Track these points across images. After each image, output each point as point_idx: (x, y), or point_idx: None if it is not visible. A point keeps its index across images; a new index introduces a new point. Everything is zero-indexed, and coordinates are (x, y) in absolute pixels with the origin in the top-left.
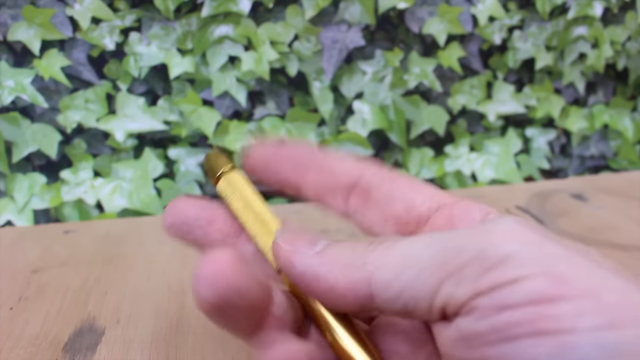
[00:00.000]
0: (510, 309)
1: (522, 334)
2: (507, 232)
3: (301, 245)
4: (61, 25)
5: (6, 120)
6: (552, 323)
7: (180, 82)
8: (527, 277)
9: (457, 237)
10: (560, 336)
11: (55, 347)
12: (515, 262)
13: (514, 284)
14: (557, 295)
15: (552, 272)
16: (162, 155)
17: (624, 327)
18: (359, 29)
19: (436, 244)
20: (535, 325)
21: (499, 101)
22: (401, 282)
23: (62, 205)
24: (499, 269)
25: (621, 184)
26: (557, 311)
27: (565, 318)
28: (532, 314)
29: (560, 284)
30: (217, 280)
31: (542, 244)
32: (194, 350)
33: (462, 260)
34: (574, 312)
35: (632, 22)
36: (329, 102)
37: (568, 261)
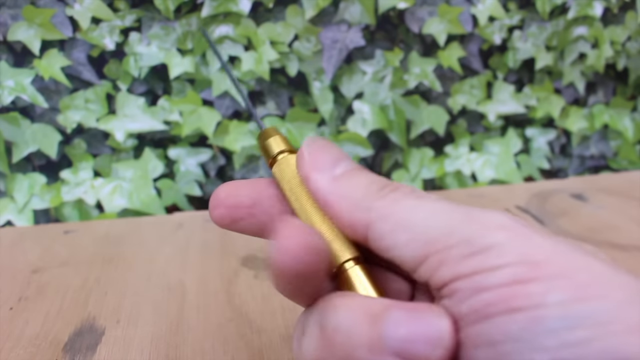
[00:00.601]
0: (487, 290)
1: (496, 312)
2: (498, 224)
3: (322, 163)
4: (61, 25)
5: (6, 120)
6: (523, 300)
7: (180, 82)
8: (506, 264)
9: (453, 218)
10: (531, 311)
11: (55, 347)
12: (497, 251)
13: (493, 270)
14: (531, 278)
15: (530, 260)
16: (162, 155)
17: (590, 300)
18: (359, 29)
19: (434, 218)
20: (508, 303)
21: (499, 101)
22: (393, 240)
23: (62, 205)
24: (481, 257)
25: (621, 184)
26: (528, 290)
27: (535, 295)
28: (506, 294)
29: (535, 269)
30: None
31: (528, 237)
32: (193, 350)
33: (450, 242)
34: (544, 290)
35: (632, 22)
36: (329, 102)
37: (550, 249)
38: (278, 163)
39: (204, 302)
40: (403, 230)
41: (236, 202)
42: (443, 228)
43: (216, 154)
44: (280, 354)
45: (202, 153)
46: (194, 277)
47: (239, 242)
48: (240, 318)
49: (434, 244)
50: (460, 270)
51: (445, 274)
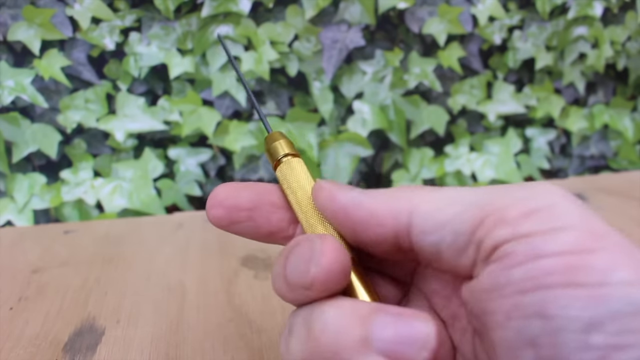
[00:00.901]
0: (546, 257)
1: (555, 283)
2: (551, 189)
3: (343, 186)
4: (61, 25)
5: (6, 120)
6: (586, 275)
7: (180, 82)
8: (565, 227)
9: (501, 188)
10: (594, 289)
11: (55, 347)
12: (556, 212)
13: (553, 232)
14: (592, 248)
15: (589, 227)
16: (162, 155)
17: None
18: (359, 29)
19: (481, 191)
20: (569, 275)
21: (499, 101)
22: (443, 215)
23: (62, 205)
24: (540, 216)
25: (621, 184)
26: (591, 262)
27: (598, 270)
28: (567, 264)
29: (595, 238)
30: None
31: (582, 206)
32: (193, 349)
33: (506, 202)
34: (608, 265)
35: (632, 22)
36: (329, 102)
37: (604, 223)
38: (282, 165)
39: (204, 302)
40: (452, 204)
41: (236, 204)
42: (495, 192)
43: (216, 154)
44: (280, 354)
45: (202, 153)
46: (194, 277)
47: (239, 242)
48: (240, 318)
49: (489, 206)
50: (518, 230)
51: (501, 233)
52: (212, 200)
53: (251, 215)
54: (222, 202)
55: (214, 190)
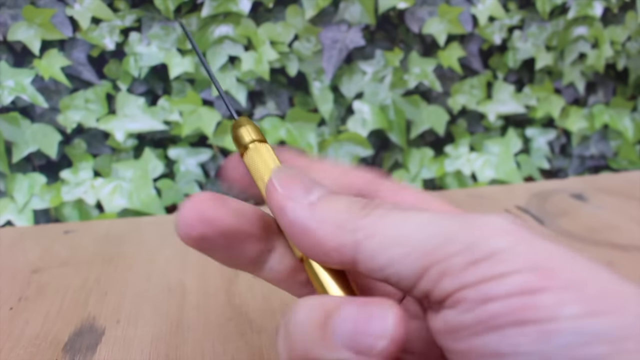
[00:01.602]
0: (495, 300)
1: (505, 323)
2: (499, 228)
3: (296, 192)
4: (61, 25)
5: (6, 120)
6: (535, 312)
7: (180, 82)
8: (513, 272)
9: (450, 225)
10: (542, 324)
11: (55, 347)
12: (503, 257)
13: (499, 278)
14: (541, 287)
15: (538, 267)
16: (162, 155)
17: (605, 314)
18: (359, 29)
19: (428, 228)
20: (518, 314)
21: (499, 101)
22: (387, 257)
23: (62, 205)
24: (486, 264)
25: (621, 184)
26: (540, 301)
27: (547, 307)
28: (516, 305)
29: (545, 277)
30: (196, 219)
31: (532, 242)
32: (194, 350)
33: (451, 250)
34: (557, 302)
35: (632, 22)
36: (329, 102)
37: (556, 256)
38: (249, 151)
39: (204, 302)
40: (396, 245)
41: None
42: (441, 236)
43: (216, 154)
44: None
45: (202, 153)
46: (194, 277)
47: None
48: (240, 318)
49: (433, 254)
50: (464, 280)
51: (448, 285)
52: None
53: (229, 243)
54: (191, 222)
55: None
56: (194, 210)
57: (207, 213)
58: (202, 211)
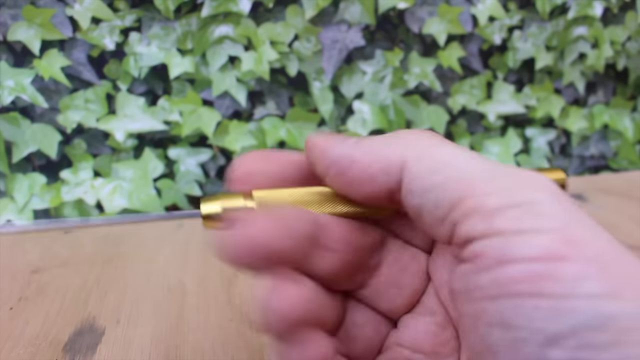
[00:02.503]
0: (515, 263)
1: (521, 292)
2: (543, 185)
3: (336, 139)
4: (61, 25)
5: (6, 120)
6: (552, 285)
7: (180, 82)
8: (540, 230)
9: (497, 167)
10: (558, 300)
11: (55, 347)
12: (536, 210)
13: (526, 234)
14: (563, 255)
15: (567, 232)
16: (162, 155)
17: (623, 299)
18: (359, 29)
19: (475, 162)
20: (535, 284)
21: (499, 101)
22: (431, 180)
23: (62, 205)
24: (518, 212)
25: (621, 184)
26: (559, 272)
27: (566, 281)
28: (535, 272)
29: (570, 245)
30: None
31: (570, 208)
32: (194, 350)
33: (491, 188)
34: (576, 276)
35: (632, 22)
36: (329, 102)
37: (588, 227)
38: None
39: (204, 302)
40: (443, 169)
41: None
42: (486, 172)
43: (216, 154)
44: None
45: (202, 153)
46: (194, 277)
47: None
48: (240, 318)
49: (473, 185)
50: (494, 224)
51: (477, 224)
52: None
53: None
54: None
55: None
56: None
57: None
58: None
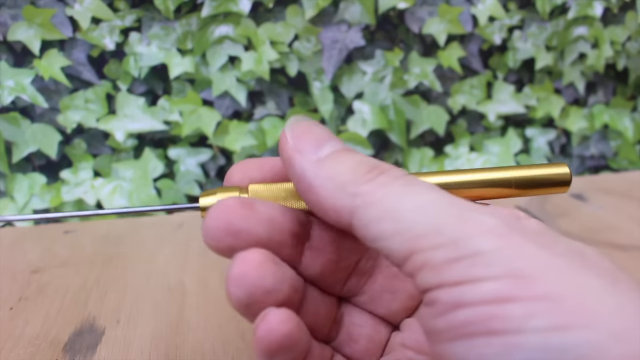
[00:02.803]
0: (466, 307)
1: (475, 332)
2: (489, 228)
3: (306, 145)
4: (61, 25)
5: (6, 120)
6: (502, 323)
7: (180, 82)
8: (490, 277)
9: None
10: (508, 336)
11: (55, 347)
12: (484, 260)
13: (476, 282)
14: (513, 297)
15: (517, 275)
16: (162, 155)
17: (575, 329)
18: (359, 29)
19: (424, 211)
20: (486, 324)
21: (499, 101)
22: (380, 229)
23: (62, 205)
24: (466, 264)
25: (621, 184)
26: (509, 311)
27: (515, 318)
28: (486, 313)
29: (520, 286)
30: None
31: (520, 247)
32: (194, 350)
33: (437, 241)
34: (526, 313)
35: (632, 22)
36: (329, 102)
37: (541, 264)
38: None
39: (204, 302)
40: (389, 220)
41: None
42: (431, 224)
43: (216, 154)
44: None
45: (202, 153)
46: (194, 277)
47: None
48: (241, 318)
49: (420, 240)
50: (443, 277)
51: (428, 278)
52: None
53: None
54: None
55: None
56: (221, 220)
57: (235, 224)
58: (230, 221)
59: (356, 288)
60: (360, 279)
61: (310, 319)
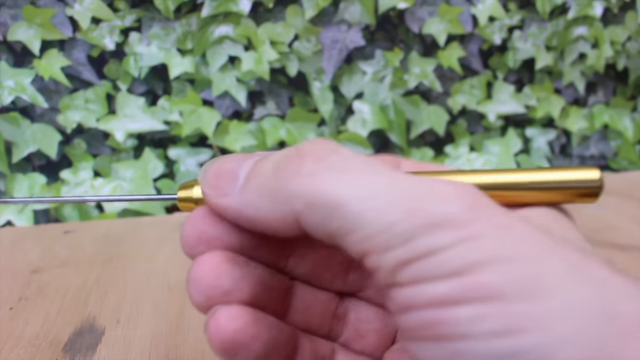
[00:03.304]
0: (418, 309)
1: (426, 336)
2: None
3: (224, 185)
4: (61, 25)
5: (6, 120)
6: (449, 328)
7: (180, 82)
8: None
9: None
10: (456, 342)
11: (55, 347)
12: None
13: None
14: (461, 298)
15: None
16: (162, 155)
17: (523, 333)
18: (359, 29)
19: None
20: (435, 329)
21: (499, 101)
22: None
23: (62, 205)
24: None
25: (621, 184)
26: (456, 315)
27: (461, 323)
28: (432, 318)
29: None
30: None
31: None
32: (194, 350)
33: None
34: (472, 316)
35: (632, 22)
36: (329, 102)
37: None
38: None
39: None
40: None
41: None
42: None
43: (216, 154)
44: None
45: (202, 153)
46: None
47: None
48: None
49: (371, 240)
50: (396, 278)
51: (384, 278)
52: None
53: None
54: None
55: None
56: (194, 230)
57: (206, 232)
58: (202, 230)
59: (360, 282)
60: (362, 273)
61: (302, 316)
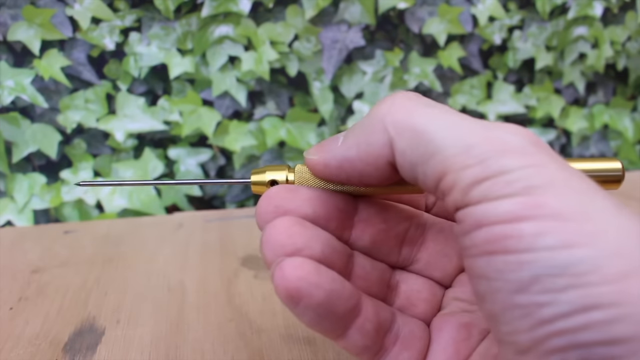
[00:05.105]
0: (486, 226)
1: (493, 250)
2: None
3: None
4: (61, 25)
5: (6, 120)
6: (515, 242)
7: (180, 82)
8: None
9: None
10: (521, 254)
11: (55, 347)
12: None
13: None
14: (524, 216)
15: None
16: (162, 155)
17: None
18: (359, 29)
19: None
20: (502, 243)
21: (499, 101)
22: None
23: (62, 205)
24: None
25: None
26: (521, 230)
27: (527, 237)
28: (501, 233)
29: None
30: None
31: (543, 166)
32: (194, 350)
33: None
34: (537, 232)
35: (632, 22)
36: (329, 102)
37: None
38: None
39: (204, 302)
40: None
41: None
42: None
43: (216, 154)
44: (280, 354)
45: (202, 153)
46: (194, 277)
47: (239, 242)
48: (240, 318)
49: (451, 160)
50: (469, 197)
51: (457, 197)
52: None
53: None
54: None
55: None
56: (270, 205)
57: (282, 205)
58: (278, 204)
59: (410, 256)
60: (413, 248)
61: (363, 282)
